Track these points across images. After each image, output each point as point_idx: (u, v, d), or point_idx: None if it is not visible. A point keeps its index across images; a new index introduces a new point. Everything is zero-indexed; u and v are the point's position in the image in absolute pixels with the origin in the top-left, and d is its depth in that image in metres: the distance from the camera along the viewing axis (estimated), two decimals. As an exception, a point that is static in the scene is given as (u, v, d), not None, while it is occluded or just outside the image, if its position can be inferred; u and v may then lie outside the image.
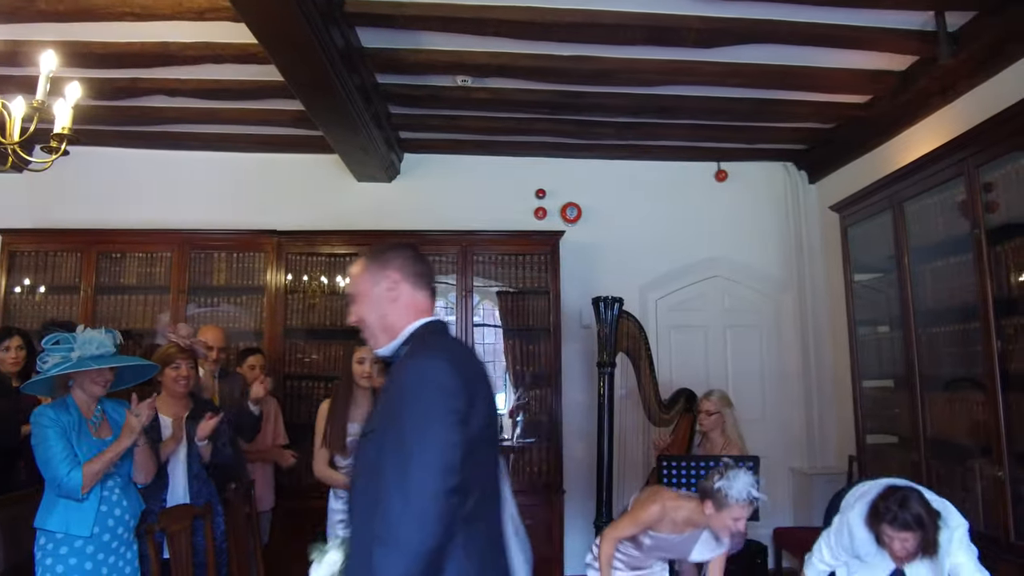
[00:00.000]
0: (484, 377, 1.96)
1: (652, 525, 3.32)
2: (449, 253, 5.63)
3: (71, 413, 3.05)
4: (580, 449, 5.66)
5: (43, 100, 2.97)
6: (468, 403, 1.77)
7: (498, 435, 2.07)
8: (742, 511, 3.09)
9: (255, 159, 6.08)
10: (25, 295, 5.63)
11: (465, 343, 1.84)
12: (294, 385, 5.54)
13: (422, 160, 6.14)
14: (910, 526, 2.85)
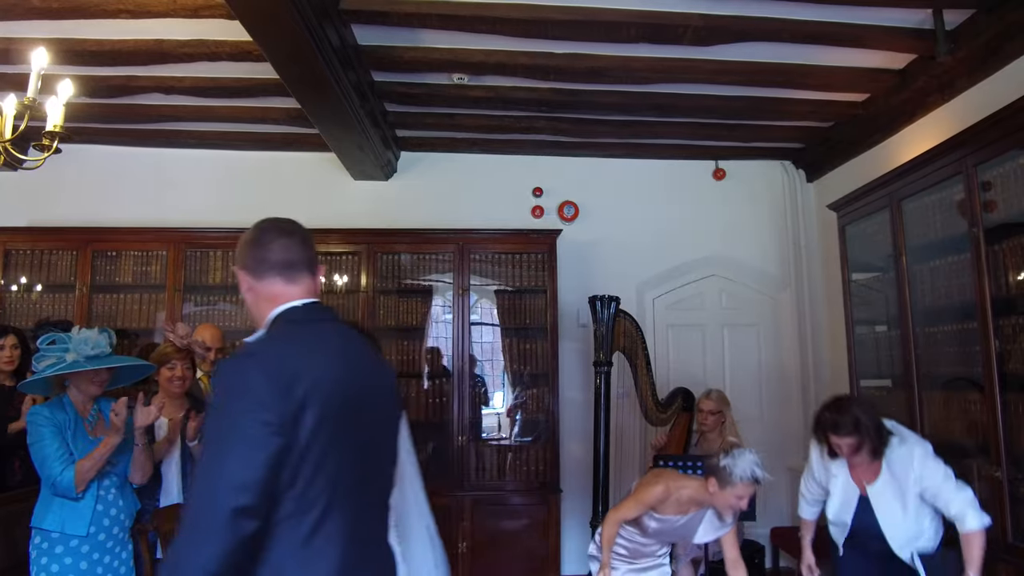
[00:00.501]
0: (336, 376, 1.67)
1: (656, 506, 3.33)
2: (446, 251, 5.62)
3: (67, 412, 3.04)
4: (577, 449, 5.65)
5: (34, 98, 2.95)
6: (291, 409, 1.55)
7: (384, 440, 1.82)
8: (746, 489, 3.12)
9: (251, 157, 6.06)
10: (21, 293, 5.60)
11: (332, 330, 1.51)
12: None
13: (419, 158, 6.12)
14: (846, 428, 3.02)
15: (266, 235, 1.83)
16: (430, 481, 5.30)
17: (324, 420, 1.59)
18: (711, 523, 3.34)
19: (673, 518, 3.33)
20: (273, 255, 1.80)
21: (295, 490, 1.56)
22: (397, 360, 5.52)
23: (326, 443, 1.60)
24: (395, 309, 5.65)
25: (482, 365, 5.71)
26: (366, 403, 1.76)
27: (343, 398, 1.67)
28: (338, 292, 5.58)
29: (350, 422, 1.68)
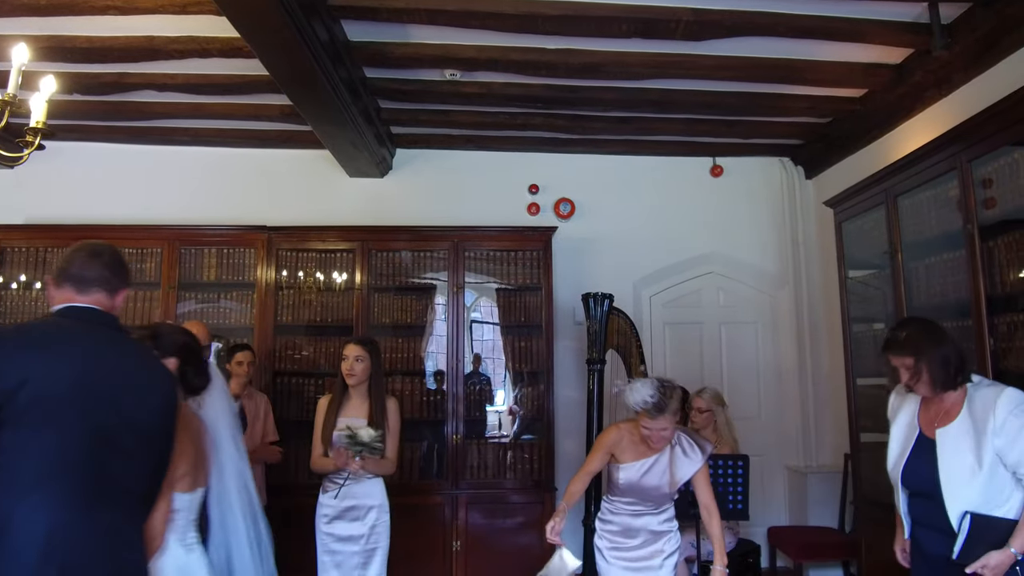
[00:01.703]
0: (70, 368, 1.87)
1: (613, 450, 3.39)
2: (441, 249, 5.59)
3: None
4: (572, 446, 5.62)
5: (14, 94, 2.91)
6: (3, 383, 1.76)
7: (132, 433, 1.96)
8: (650, 421, 3.19)
9: (246, 154, 6.05)
10: (19, 292, 5.60)
11: (96, 334, 1.70)
12: (285, 382, 5.50)
13: (415, 155, 6.10)
14: (901, 345, 2.67)
15: (75, 254, 2.08)
16: (424, 479, 5.36)
17: (39, 400, 1.79)
18: (679, 462, 3.35)
19: (636, 464, 3.35)
20: (72, 269, 2.05)
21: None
22: (393, 358, 5.49)
23: (40, 420, 1.79)
24: (390, 307, 5.63)
25: (483, 363, 5.69)
26: (109, 399, 1.93)
27: (74, 388, 1.86)
28: (336, 290, 5.55)
29: (79, 410, 1.86)
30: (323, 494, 3.83)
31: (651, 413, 3.17)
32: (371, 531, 3.74)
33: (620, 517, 3.46)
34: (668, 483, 3.35)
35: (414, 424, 5.40)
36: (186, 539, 2.46)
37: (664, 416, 3.18)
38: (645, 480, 3.36)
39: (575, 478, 3.52)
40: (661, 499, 3.41)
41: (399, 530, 3.94)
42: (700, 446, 3.40)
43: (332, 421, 3.84)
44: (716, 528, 3.34)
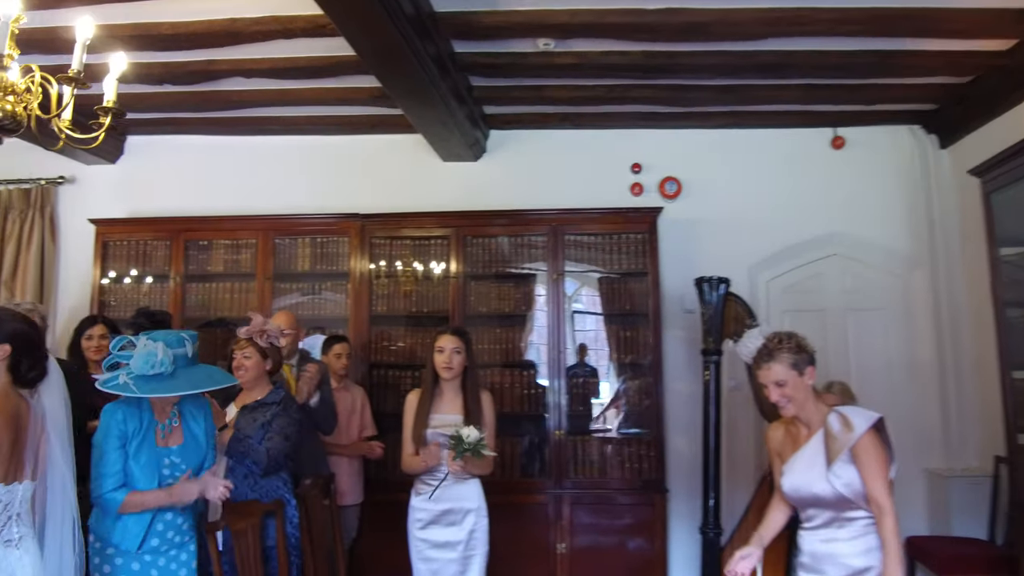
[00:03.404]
0: None
1: (778, 449, 2.90)
2: (539, 233, 5.29)
3: (142, 415, 2.85)
4: (684, 445, 5.21)
5: (79, 70, 2.74)
6: None
7: None
8: (763, 373, 2.75)
9: (337, 142, 5.90)
10: (119, 284, 5.67)
11: None
12: (381, 374, 5.34)
13: (509, 137, 5.80)
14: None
15: None
16: (526, 477, 5.09)
17: None
18: (833, 440, 2.66)
19: (792, 459, 2.77)
20: None
21: None
22: (492, 350, 5.25)
23: None
24: (487, 296, 5.37)
25: (587, 355, 5.37)
26: None
27: None
28: (431, 278, 5.35)
29: None
30: (415, 497, 3.59)
31: (762, 359, 2.73)
32: (469, 537, 3.48)
33: (807, 543, 2.79)
34: (822, 472, 2.64)
35: (514, 419, 5.13)
36: (3, 535, 2.33)
37: (776, 363, 2.69)
38: (801, 476, 2.72)
39: (772, 500, 2.98)
40: (833, 504, 2.66)
41: (499, 530, 3.69)
42: (857, 417, 2.66)
43: (424, 418, 3.61)
44: (888, 531, 2.56)
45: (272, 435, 3.42)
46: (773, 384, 2.71)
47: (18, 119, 2.57)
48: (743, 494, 4.73)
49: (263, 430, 3.43)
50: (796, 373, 2.69)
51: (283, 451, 3.45)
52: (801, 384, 2.70)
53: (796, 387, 2.70)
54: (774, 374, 2.70)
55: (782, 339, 2.74)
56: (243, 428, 3.44)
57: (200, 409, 3.02)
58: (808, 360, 2.73)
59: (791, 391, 2.69)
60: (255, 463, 3.40)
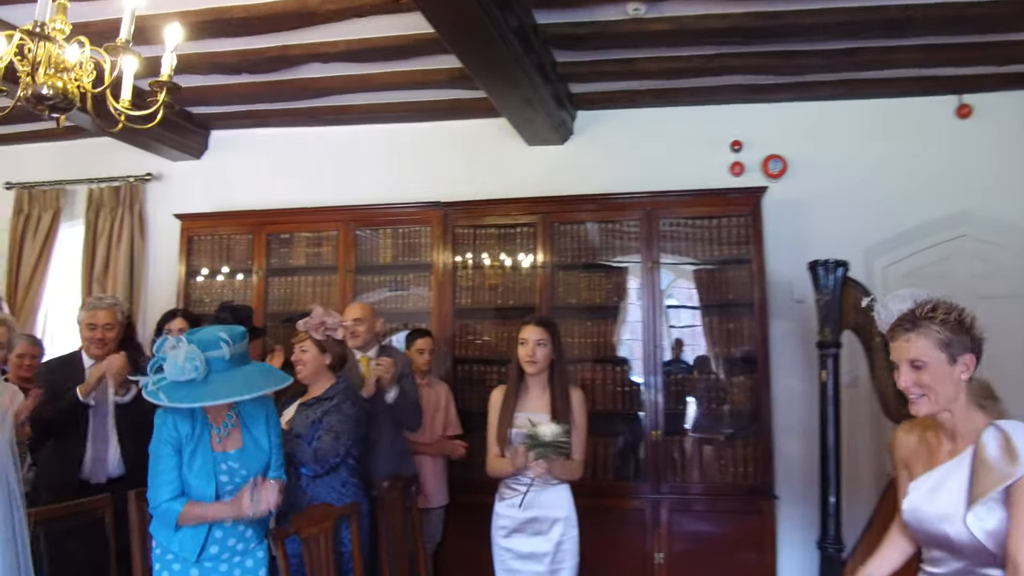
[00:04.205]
0: None
1: (908, 458, 2.15)
2: (632, 219, 4.93)
3: (195, 420, 2.64)
4: (794, 447, 4.76)
5: (128, 40, 2.56)
6: None
7: None
8: (900, 345, 2.01)
9: (417, 129, 5.69)
10: (204, 279, 5.65)
11: None
12: (466, 370, 5.10)
13: (597, 117, 5.44)
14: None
15: None
16: (620, 480, 4.75)
17: None
18: (984, 468, 1.90)
19: (923, 478, 2.04)
20: None
21: None
22: (583, 344, 4.93)
23: None
24: (577, 286, 5.05)
25: (684, 349, 4.97)
26: None
27: None
28: (517, 269, 5.07)
29: None
30: (499, 502, 3.31)
31: (902, 328, 2.01)
32: (557, 548, 3.17)
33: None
34: (959, 508, 1.92)
35: (607, 417, 4.80)
36: None
37: (919, 336, 1.96)
38: (930, 505, 2.00)
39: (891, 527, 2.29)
40: (969, 553, 1.94)
41: (591, 537, 3.38)
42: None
43: (508, 416, 3.32)
44: None
45: (321, 433, 3.21)
46: (907, 364, 1.97)
47: (69, 97, 2.41)
48: (861, 501, 4.27)
49: (314, 428, 3.23)
50: (945, 357, 1.93)
51: (334, 451, 3.23)
52: (949, 375, 1.93)
53: (940, 376, 1.93)
54: (913, 349, 1.96)
55: (937, 307, 1.99)
56: (296, 426, 3.26)
57: (261, 410, 2.80)
58: (968, 345, 1.95)
59: (931, 379, 1.93)
60: (301, 464, 3.20)
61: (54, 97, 2.39)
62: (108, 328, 3.59)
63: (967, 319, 1.99)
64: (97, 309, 3.60)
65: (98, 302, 3.63)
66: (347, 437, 3.28)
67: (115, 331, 3.62)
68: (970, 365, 1.95)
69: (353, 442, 3.35)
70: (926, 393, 1.96)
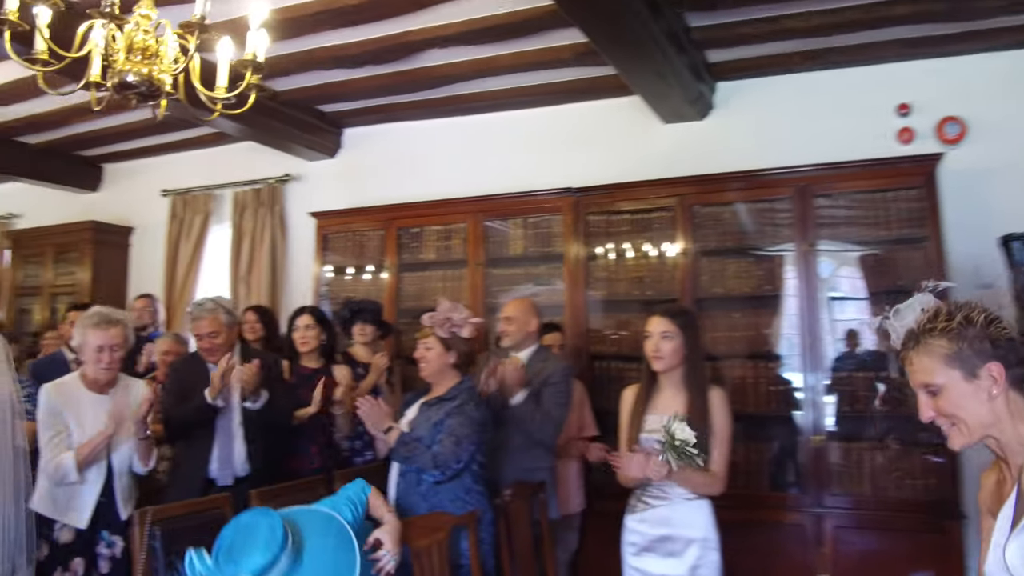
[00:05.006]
0: None
1: (987, 500, 1.70)
2: (783, 196, 4.42)
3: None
4: (987, 458, 4.08)
5: (204, 15, 2.41)
6: None
7: None
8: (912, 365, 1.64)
9: (544, 114, 5.42)
10: (339, 276, 5.68)
11: None
12: (603, 366, 4.77)
13: (740, 88, 4.94)
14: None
15: None
16: (776, 490, 4.27)
17: None
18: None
19: (996, 524, 1.59)
20: None
21: None
22: (731, 338, 4.48)
23: None
24: (722, 274, 4.60)
25: (850, 343, 4.40)
26: None
27: None
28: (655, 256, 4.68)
29: None
30: (629, 515, 2.97)
31: (906, 349, 1.66)
32: (691, 573, 2.79)
33: None
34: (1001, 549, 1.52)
35: (760, 420, 4.34)
36: None
37: (922, 355, 1.61)
38: (991, 555, 1.57)
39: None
40: None
41: (742, 553, 3.07)
42: None
43: (639, 418, 2.98)
44: None
45: (441, 437, 3.00)
46: (923, 391, 1.63)
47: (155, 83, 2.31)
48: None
49: (435, 431, 3.02)
50: (960, 373, 1.56)
51: (455, 456, 3.00)
52: (973, 394, 1.56)
53: (962, 398, 1.56)
54: (920, 372, 1.63)
55: (938, 313, 1.63)
56: (417, 427, 3.07)
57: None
58: (988, 351, 1.56)
59: (951, 405, 1.58)
60: (420, 469, 2.99)
61: (140, 84, 2.31)
62: (213, 336, 3.56)
63: (977, 319, 1.58)
64: (198, 319, 3.58)
65: (199, 310, 3.60)
66: (470, 442, 3.06)
67: (222, 336, 3.57)
68: (999, 376, 1.54)
69: (477, 447, 3.13)
70: (954, 423, 1.59)
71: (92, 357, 3.10)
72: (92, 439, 3.01)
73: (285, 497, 3.20)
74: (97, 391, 3.14)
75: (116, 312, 3.16)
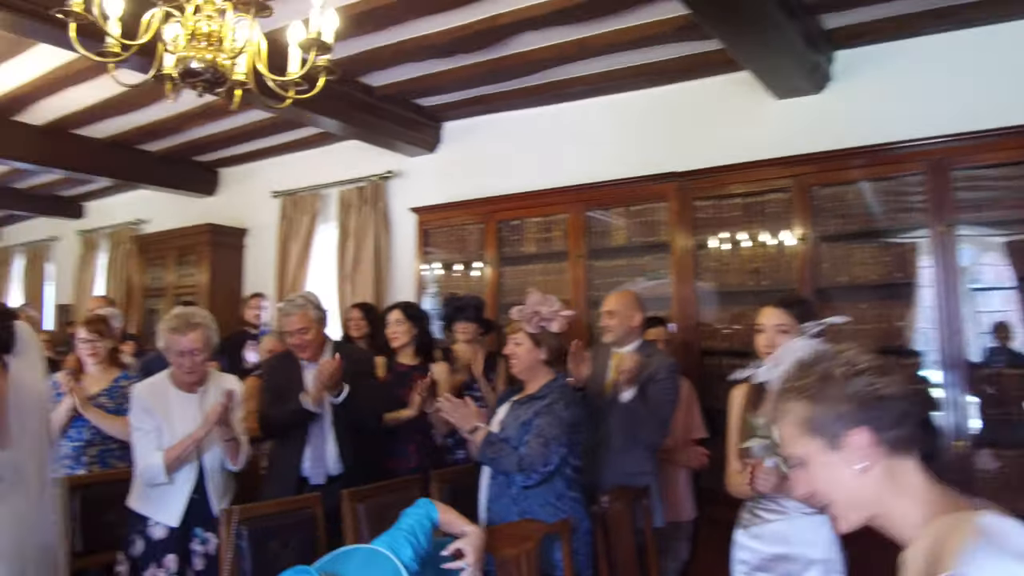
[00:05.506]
0: None
1: None
2: (914, 172, 3.95)
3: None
4: None
5: (320, 32, 2.33)
6: None
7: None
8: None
9: (646, 97, 5.13)
10: (440, 271, 5.65)
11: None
12: (714, 363, 4.45)
13: (861, 56, 4.45)
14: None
15: None
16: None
17: None
18: None
19: None
20: None
21: None
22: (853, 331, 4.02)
23: None
24: (845, 261, 4.18)
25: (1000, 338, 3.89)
26: None
27: None
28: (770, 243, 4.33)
29: None
30: (741, 530, 2.68)
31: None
32: (811, 598, 2.48)
33: None
34: None
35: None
36: None
37: (781, 420, 1.39)
38: None
39: None
40: None
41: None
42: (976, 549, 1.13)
43: (750, 421, 2.69)
44: None
45: (529, 438, 2.80)
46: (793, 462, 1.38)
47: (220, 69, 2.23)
48: None
49: (523, 431, 2.83)
50: (821, 442, 1.32)
51: (542, 459, 2.80)
52: (836, 468, 1.31)
53: (826, 473, 1.32)
54: (783, 442, 1.38)
55: (800, 367, 1.38)
56: (506, 427, 2.90)
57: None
58: (853, 415, 1.29)
59: (817, 482, 1.34)
60: (503, 472, 2.81)
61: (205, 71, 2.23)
62: (303, 332, 3.49)
63: (838, 372, 1.31)
64: (288, 316, 3.52)
65: (288, 307, 3.55)
66: (559, 443, 2.86)
67: (312, 332, 3.51)
68: (867, 443, 1.28)
69: (569, 449, 2.93)
70: (825, 500, 1.34)
71: (174, 361, 3.10)
72: (180, 442, 3.01)
73: (376, 497, 3.13)
74: (186, 390, 3.14)
75: (196, 315, 3.13)
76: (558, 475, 2.91)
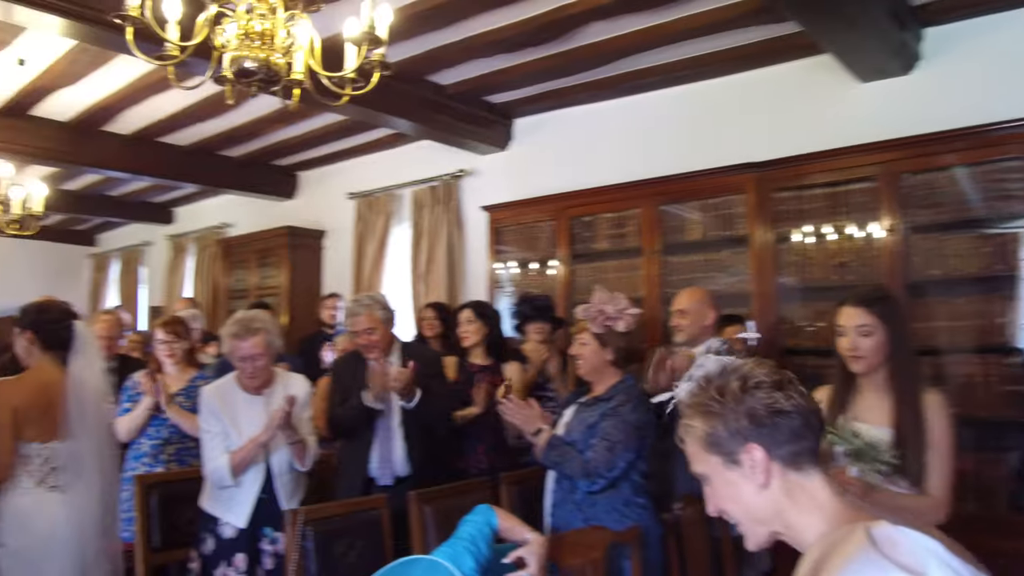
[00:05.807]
0: None
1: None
2: (1016, 157, 3.66)
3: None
4: None
5: (372, 25, 2.30)
6: None
7: None
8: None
9: (724, 84, 4.92)
10: (513, 269, 5.58)
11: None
12: (798, 362, 4.23)
13: (953, 32, 4.14)
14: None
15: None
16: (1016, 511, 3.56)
17: None
18: None
19: None
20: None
21: None
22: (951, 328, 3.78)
23: None
24: (940, 253, 3.91)
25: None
26: None
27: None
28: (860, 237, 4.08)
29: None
30: None
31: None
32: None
33: None
34: None
35: (995, 427, 3.63)
36: (46, 483, 2.73)
37: (686, 440, 1.41)
38: None
39: None
40: None
41: None
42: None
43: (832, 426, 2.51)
44: None
45: (594, 442, 2.70)
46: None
47: (273, 68, 2.21)
48: None
49: (588, 434, 2.73)
50: (720, 459, 1.33)
51: (607, 463, 2.70)
52: (738, 482, 1.32)
53: (727, 490, 1.35)
54: (689, 456, 1.40)
55: (704, 384, 1.36)
56: (572, 430, 2.80)
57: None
58: (747, 432, 1.29)
59: (720, 498, 1.37)
60: (568, 476, 2.70)
61: (258, 70, 2.22)
62: (369, 332, 3.47)
63: (734, 387, 1.31)
64: (355, 316, 3.51)
65: (355, 306, 3.53)
66: (625, 448, 2.75)
67: (378, 331, 3.48)
68: (761, 459, 1.29)
69: (637, 454, 2.81)
70: (739, 522, 1.36)
71: (237, 366, 3.12)
72: (245, 445, 3.02)
73: (444, 499, 3.07)
74: (252, 392, 3.16)
75: (256, 320, 3.14)
76: (625, 480, 2.81)
